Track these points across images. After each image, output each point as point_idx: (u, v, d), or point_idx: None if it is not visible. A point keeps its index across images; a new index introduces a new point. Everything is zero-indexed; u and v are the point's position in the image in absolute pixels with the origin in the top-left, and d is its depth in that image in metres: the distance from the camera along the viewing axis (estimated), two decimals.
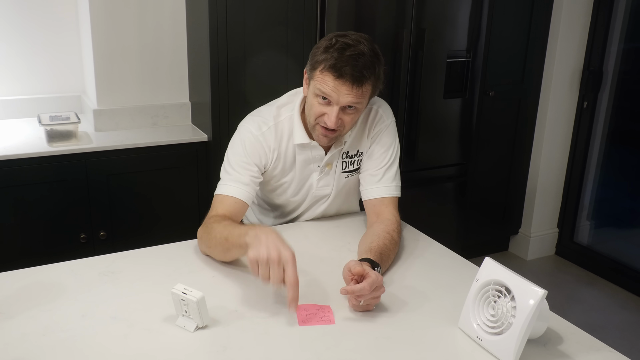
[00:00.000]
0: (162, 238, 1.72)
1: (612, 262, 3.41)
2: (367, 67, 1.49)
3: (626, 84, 3.40)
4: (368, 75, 1.49)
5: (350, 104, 1.51)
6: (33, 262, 1.49)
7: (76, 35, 2.85)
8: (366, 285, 1.26)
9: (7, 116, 2.76)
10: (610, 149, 3.51)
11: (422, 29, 2.81)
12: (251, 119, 1.70)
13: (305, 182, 1.74)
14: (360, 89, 1.50)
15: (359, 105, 1.54)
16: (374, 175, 1.72)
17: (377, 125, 1.72)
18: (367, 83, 1.51)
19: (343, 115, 1.54)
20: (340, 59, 1.47)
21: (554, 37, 3.31)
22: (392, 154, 1.73)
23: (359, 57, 1.48)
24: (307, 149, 1.68)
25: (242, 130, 1.68)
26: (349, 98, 1.50)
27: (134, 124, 2.78)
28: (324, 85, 1.50)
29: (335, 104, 1.51)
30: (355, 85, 1.48)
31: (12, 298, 1.33)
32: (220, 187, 1.64)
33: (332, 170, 1.74)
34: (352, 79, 1.47)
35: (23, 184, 2.35)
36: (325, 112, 1.54)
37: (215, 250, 1.50)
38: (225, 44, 2.47)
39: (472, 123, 3.13)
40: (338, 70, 1.47)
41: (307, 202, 1.79)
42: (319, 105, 1.54)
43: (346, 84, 1.48)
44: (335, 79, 1.48)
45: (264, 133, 1.65)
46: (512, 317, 1.15)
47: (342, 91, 1.49)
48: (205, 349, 1.19)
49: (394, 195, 1.71)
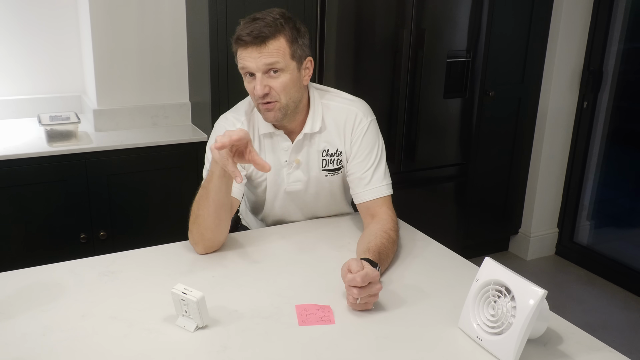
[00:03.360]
0: (162, 238, 1.72)
1: (612, 262, 3.41)
2: (267, 25, 1.52)
3: (626, 84, 3.40)
4: (269, 32, 1.52)
5: (267, 65, 1.53)
6: (33, 262, 1.49)
7: (76, 35, 2.85)
8: (357, 277, 1.26)
9: (7, 116, 2.77)
10: (610, 149, 3.51)
11: (422, 29, 2.81)
12: (225, 115, 1.74)
13: (277, 176, 1.74)
14: (266, 46, 1.52)
15: (278, 65, 1.54)
16: (362, 178, 1.70)
17: (356, 128, 1.70)
18: (272, 40, 1.53)
19: (270, 81, 1.56)
20: (240, 30, 1.54)
21: (554, 37, 3.31)
22: (377, 153, 1.72)
23: (256, 21, 1.53)
24: (275, 138, 1.70)
25: (219, 124, 1.73)
26: (262, 59, 1.53)
27: (134, 124, 2.78)
28: (240, 61, 1.56)
29: (256, 72, 1.55)
30: (258, 45, 1.52)
31: (12, 298, 1.33)
32: None
33: (304, 166, 1.73)
34: (253, 40, 1.52)
35: (23, 184, 2.35)
36: (254, 86, 1.57)
37: (205, 212, 1.53)
38: (225, 44, 2.47)
39: (472, 123, 3.13)
40: (241, 40, 1.53)
41: (282, 199, 1.78)
42: (249, 84, 1.59)
43: (250, 47, 1.53)
44: (244, 49, 1.54)
45: (238, 128, 1.65)
46: (512, 317, 1.15)
47: (252, 56, 1.53)
48: (205, 349, 1.19)
49: (385, 195, 1.70)
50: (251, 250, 1.61)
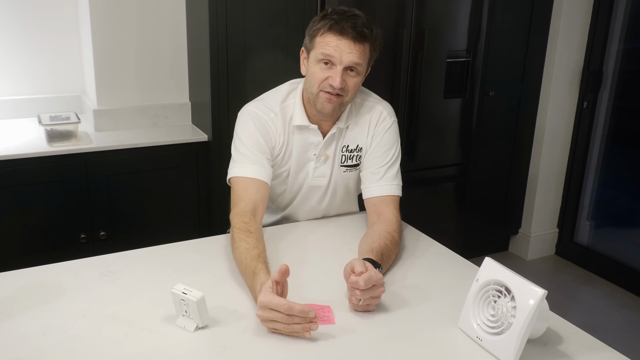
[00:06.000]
0: (162, 238, 1.72)
1: (612, 262, 3.41)
2: (365, 25, 1.55)
3: (626, 84, 3.40)
4: (367, 33, 1.56)
5: (353, 63, 1.56)
6: (33, 262, 1.49)
7: (76, 35, 2.85)
8: (360, 280, 1.26)
9: (7, 116, 2.76)
10: (610, 149, 3.51)
11: (422, 29, 2.81)
12: (257, 104, 1.71)
13: (301, 170, 1.74)
14: (362, 46, 1.55)
15: (360, 67, 1.58)
16: (375, 173, 1.72)
17: (380, 124, 1.73)
18: (366, 42, 1.56)
19: (346, 77, 1.58)
20: (339, 19, 1.55)
21: (554, 37, 3.31)
22: (394, 153, 1.74)
23: (357, 18, 1.56)
24: (305, 133, 1.69)
25: (250, 114, 1.68)
26: (351, 57, 1.55)
27: (134, 124, 2.78)
28: (326, 47, 1.55)
29: (338, 64, 1.56)
30: (357, 42, 1.54)
31: (12, 298, 1.33)
32: (238, 168, 1.63)
33: (330, 160, 1.74)
34: (354, 34, 1.54)
35: (23, 184, 2.35)
36: (329, 75, 1.57)
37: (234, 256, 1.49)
38: (225, 44, 2.47)
39: (472, 123, 3.13)
40: (339, 29, 1.54)
41: (303, 193, 1.78)
42: (322, 71, 1.58)
43: (348, 40, 1.54)
44: (338, 38, 1.54)
45: (272, 119, 1.67)
46: (512, 317, 1.15)
47: (344, 49, 1.54)
48: (205, 349, 1.19)
49: (395, 194, 1.71)
50: None
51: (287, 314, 1.18)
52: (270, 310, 1.19)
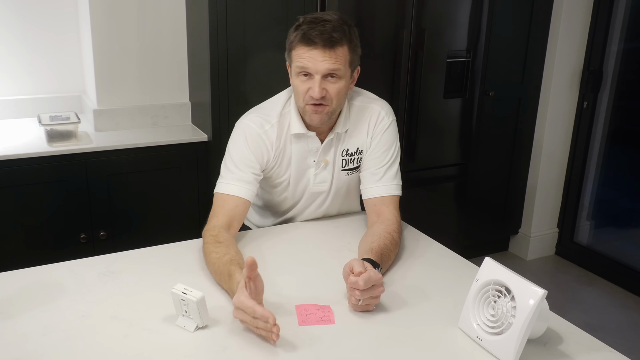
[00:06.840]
0: (162, 238, 1.72)
1: (612, 262, 3.41)
2: (335, 30, 1.52)
3: (626, 84, 3.40)
4: (338, 37, 1.52)
5: (329, 70, 1.54)
6: (33, 262, 1.49)
7: (76, 35, 2.85)
8: (360, 281, 1.26)
9: (7, 116, 2.77)
10: (610, 149, 3.51)
11: (422, 29, 2.81)
12: (253, 116, 1.70)
13: (302, 178, 1.74)
14: (334, 52, 1.53)
15: (339, 71, 1.55)
16: (374, 174, 1.72)
17: (378, 124, 1.73)
18: (339, 46, 1.53)
19: (326, 85, 1.56)
20: (308, 29, 1.52)
21: (554, 37, 3.31)
22: (393, 153, 1.74)
23: (325, 23, 1.53)
24: (303, 140, 1.69)
25: (244, 127, 1.68)
26: (326, 64, 1.53)
27: (134, 124, 2.78)
28: (300, 59, 1.54)
29: (315, 74, 1.54)
30: (327, 48, 1.52)
31: (12, 298, 1.33)
32: (222, 185, 1.64)
33: (330, 166, 1.74)
34: (323, 42, 1.51)
35: (23, 184, 2.35)
36: (309, 87, 1.56)
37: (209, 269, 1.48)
38: (225, 44, 2.47)
39: (472, 123, 3.13)
40: (308, 39, 1.52)
41: (305, 199, 1.79)
42: (302, 83, 1.57)
43: (318, 49, 1.52)
44: (309, 49, 1.53)
45: (266, 131, 1.66)
46: (512, 317, 1.15)
47: (317, 58, 1.52)
48: (205, 349, 1.19)
49: (394, 194, 1.71)
50: (251, 250, 1.61)
51: (252, 317, 1.18)
52: (242, 311, 1.19)
